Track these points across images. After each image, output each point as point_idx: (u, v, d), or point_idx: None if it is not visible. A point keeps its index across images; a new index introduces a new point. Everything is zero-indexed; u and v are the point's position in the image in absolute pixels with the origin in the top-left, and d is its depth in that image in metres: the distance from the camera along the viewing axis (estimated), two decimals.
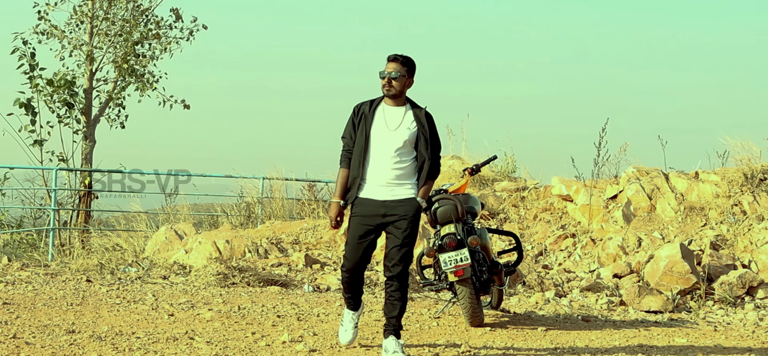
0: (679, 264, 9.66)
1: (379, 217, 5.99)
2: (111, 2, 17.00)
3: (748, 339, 7.61)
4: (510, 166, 15.15)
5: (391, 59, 6.04)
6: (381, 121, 6.05)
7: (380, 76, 6.04)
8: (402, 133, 5.99)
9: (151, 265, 10.95)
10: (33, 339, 6.42)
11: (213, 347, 6.41)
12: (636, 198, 12.23)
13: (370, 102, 6.16)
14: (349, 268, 6.11)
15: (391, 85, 6.00)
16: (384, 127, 6.03)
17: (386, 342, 6.05)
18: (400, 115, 6.05)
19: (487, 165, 8.87)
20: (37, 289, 8.73)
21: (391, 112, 6.07)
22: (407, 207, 5.97)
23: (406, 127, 6.02)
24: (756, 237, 10.95)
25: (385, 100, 6.11)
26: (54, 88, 16.31)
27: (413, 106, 6.11)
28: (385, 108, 6.09)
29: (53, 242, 13.84)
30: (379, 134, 6.02)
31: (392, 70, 6.00)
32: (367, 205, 6.02)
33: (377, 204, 6.00)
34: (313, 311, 8.05)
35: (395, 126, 6.01)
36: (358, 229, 6.03)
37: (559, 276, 10.70)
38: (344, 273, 6.17)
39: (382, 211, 5.98)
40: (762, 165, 12.59)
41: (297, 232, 12.34)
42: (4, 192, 16.04)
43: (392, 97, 6.05)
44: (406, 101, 6.11)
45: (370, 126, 6.05)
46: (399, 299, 6.01)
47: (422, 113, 6.07)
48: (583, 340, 7.22)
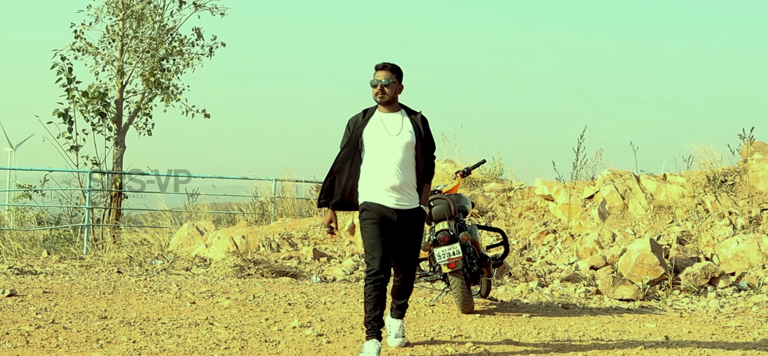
0: (649, 257, 9.65)
1: (389, 219, 5.66)
2: (139, 22, 16.99)
3: (710, 324, 7.61)
4: (497, 169, 15.15)
5: (380, 68, 5.70)
6: (380, 128, 5.69)
7: (372, 85, 5.71)
8: (404, 137, 5.66)
9: (175, 258, 10.94)
10: (70, 324, 6.42)
11: (230, 331, 6.40)
12: (610, 198, 12.23)
13: (363, 112, 5.82)
14: (378, 268, 5.59)
15: (384, 93, 5.66)
16: (384, 132, 5.67)
17: (391, 321, 6.10)
18: (398, 121, 5.72)
19: (477, 168, 8.87)
20: (74, 280, 8.73)
21: (389, 118, 5.73)
22: (414, 217, 5.72)
23: (407, 131, 5.69)
24: (717, 233, 10.95)
25: (379, 108, 5.77)
26: (89, 99, 16.33)
27: (409, 113, 5.80)
28: (381, 115, 5.74)
29: (87, 237, 13.84)
30: (381, 140, 5.67)
31: (383, 78, 5.66)
32: (377, 209, 5.64)
33: (387, 209, 5.66)
34: (321, 299, 8.05)
35: (396, 131, 5.67)
36: (374, 228, 5.63)
37: (542, 268, 10.70)
38: (373, 278, 5.60)
39: (392, 217, 5.66)
40: (723, 168, 12.60)
41: (306, 229, 12.33)
42: (44, 193, 16.05)
43: (386, 104, 5.72)
44: (400, 107, 5.81)
45: (366, 133, 5.70)
46: (407, 284, 5.96)
47: (418, 118, 5.78)
48: (563, 325, 7.22)
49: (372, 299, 5.61)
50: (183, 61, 17.36)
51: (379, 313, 5.63)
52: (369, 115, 5.77)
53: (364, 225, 5.69)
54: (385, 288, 5.65)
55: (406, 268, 5.88)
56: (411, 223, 5.73)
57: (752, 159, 12.46)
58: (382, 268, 5.60)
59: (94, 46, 16.85)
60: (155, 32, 17.06)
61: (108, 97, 16.69)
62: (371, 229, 5.63)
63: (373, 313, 5.62)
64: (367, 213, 5.66)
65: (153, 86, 17.09)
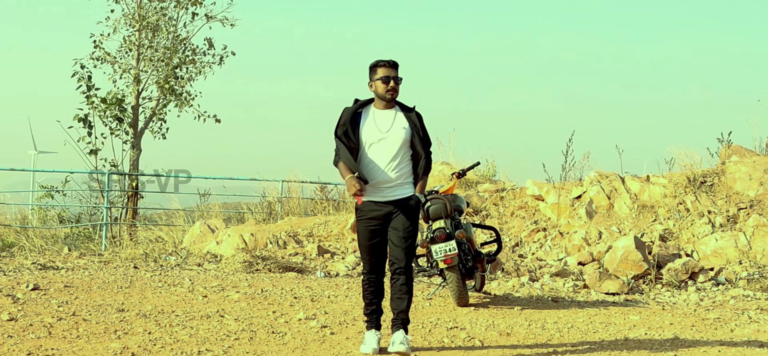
0: (633, 253, 9.65)
1: (381, 217, 5.35)
2: (155, 33, 17.00)
3: (690, 315, 7.61)
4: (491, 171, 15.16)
5: (391, 65, 5.32)
6: (372, 126, 5.34)
7: (383, 81, 5.31)
8: (397, 135, 5.31)
9: (188, 254, 10.94)
10: (89, 316, 6.42)
11: (240, 323, 6.40)
12: (597, 198, 12.22)
13: (355, 102, 5.42)
14: (370, 269, 5.45)
15: (396, 89, 5.34)
16: (376, 131, 5.32)
17: (394, 335, 5.40)
18: (390, 118, 5.36)
19: (471, 170, 8.86)
20: (93, 274, 8.72)
21: (382, 115, 5.36)
22: (406, 206, 5.34)
23: (400, 127, 5.33)
24: (697, 231, 10.94)
25: (375, 104, 5.40)
26: (107, 105, 16.34)
27: (403, 109, 5.42)
28: (375, 112, 5.38)
29: (106, 235, 13.83)
30: (371, 138, 5.33)
31: (396, 74, 5.33)
32: (368, 210, 5.36)
33: (379, 205, 5.34)
34: (325, 293, 8.05)
35: (386, 128, 5.32)
36: (366, 234, 5.39)
37: (532, 263, 10.69)
38: (367, 277, 5.48)
39: (384, 211, 5.34)
40: (702, 170, 12.60)
41: (311, 227, 12.33)
42: (65, 193, 16.08)
43: (388, 101, 5.36)
44: (395, 104, 5.43)
45: (361, 130, 5.34)
46: (406, 293, 5.39)
47: (414, 114, 5.40)
48: (552, 317, 7.21)
49: (368, 294, 5.54)
50: (195, 69, 17.36)
51: (376, 306, 5.55)
52: (363, 109, 5.41)
53: (358, 227, 5.45)
54: (380, 283, 5.54)
55: (402, 264, 5.34)
56: (405, 209, 5.32)
57: (730, 161, 12.46)
58: (374, 269, 5.48)
59: (112, 56, 16.85)
60: (169, 42, 17.07)
61: (125, 103, 16.70)
62: (363, 234, 5.41)
63: (371, 307, 5.56)
64: (360, 213, 5.40)
65: (167, 93, 17.09)
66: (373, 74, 5.39)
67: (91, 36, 16.78)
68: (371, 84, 5.41)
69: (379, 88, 5.35)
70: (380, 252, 5.44)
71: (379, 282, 5.53)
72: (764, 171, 12.00)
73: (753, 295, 9.03)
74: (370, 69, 5.42)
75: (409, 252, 5.37)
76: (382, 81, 5.33)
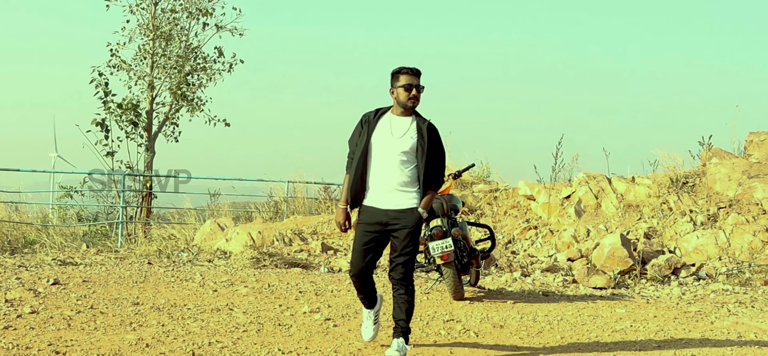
0: (619, 250, 9.65)
1: (382, 225, 5.02)
2: (168, 42, 17.01)
3: (673, 309, 7.61)
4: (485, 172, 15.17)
5: (414, 72, 4.99)
6: (386, 129, 5.03)
7: (405, 89, 4.98)
8: (406, 141, 4.97)
9: (199, 251, 10.94)
10: (106, 309, 6.42)
11: (248, 316, 6.40)
12: (585, 198, 12.23)
13: (375, 111, 5.14)
14: (355, 274, 5.13)
15: (418, 97, 5.00)
16: (389, 134, 5.01)
17: (393, 342, 5.12)
18: (406, 125, 5.03)
19: (466, 171, 8.86)
20: (109, 270, 8.73)
21: (398, 121, 5.04)
22: (408, 218, 4.96)
23: (409, 136, 4.99)
24: (680, 228, 10.95)
25: (393, 110, 5.09)
26: (123, 110, 16.35)
27: (418, 118, 5.07)
28: (392, 118, 5.07)
29: (122, 232, 13.84)
30: (383, 141, 5.01)
31: (418, 83, 5.00)
32: (371, 213, 5.03)
33: (381, 212, 5.01)
34: (328, 288, 8.05)
35: (400, 134, 4.99)
36: (362, 236, 5.05)
37: (524, 260, 10.69)
38: (352, 278, 5.20)
39: (385, 219, 5.00)
40: (684, 171, 12.61)
41: (315, 225, 12.33)
42: (83, 193, 16.10)
43: (408, 109, 5.04)
44: (413, 112, 5.10)
45: (373, 133, 5.05)
46: (406, 302, 5.06)
47: (425, 125, 5.02)
48: (543, 310, 7.22)
49: (357, 287, 5.29)
50: (206, 76, 17.38)
51: (367, 293, 5.30)
52: (380, 115, 5.12)
53: (357, 227, 5.15)
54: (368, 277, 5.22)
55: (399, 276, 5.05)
56: (404, 225, 4.98)
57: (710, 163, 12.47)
58: (361, 274, 5.15)
59: (128, 63, 16.87)
60: (182, 51, 17.08)
61: (140, 108, 16.72)
62: (360, 236, 5.08)
63: (362, 294, 5.31)
64: (362, 217, 5.10)
65: (179, 98, 17.11)
66: (396, 81, 5.05)
67: (108, 45, 16.81)
68: (393, 90, 5.06)
69: (401, 96, 5.02)
70: (371, 261, 5.11)
71: (365, 282, 5.24)
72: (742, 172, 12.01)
73: (732, 289, 9.03)
74: (392, 75, 5.07)
75: (408, 266, 5.05)
76: (404, 88, 5.00)
